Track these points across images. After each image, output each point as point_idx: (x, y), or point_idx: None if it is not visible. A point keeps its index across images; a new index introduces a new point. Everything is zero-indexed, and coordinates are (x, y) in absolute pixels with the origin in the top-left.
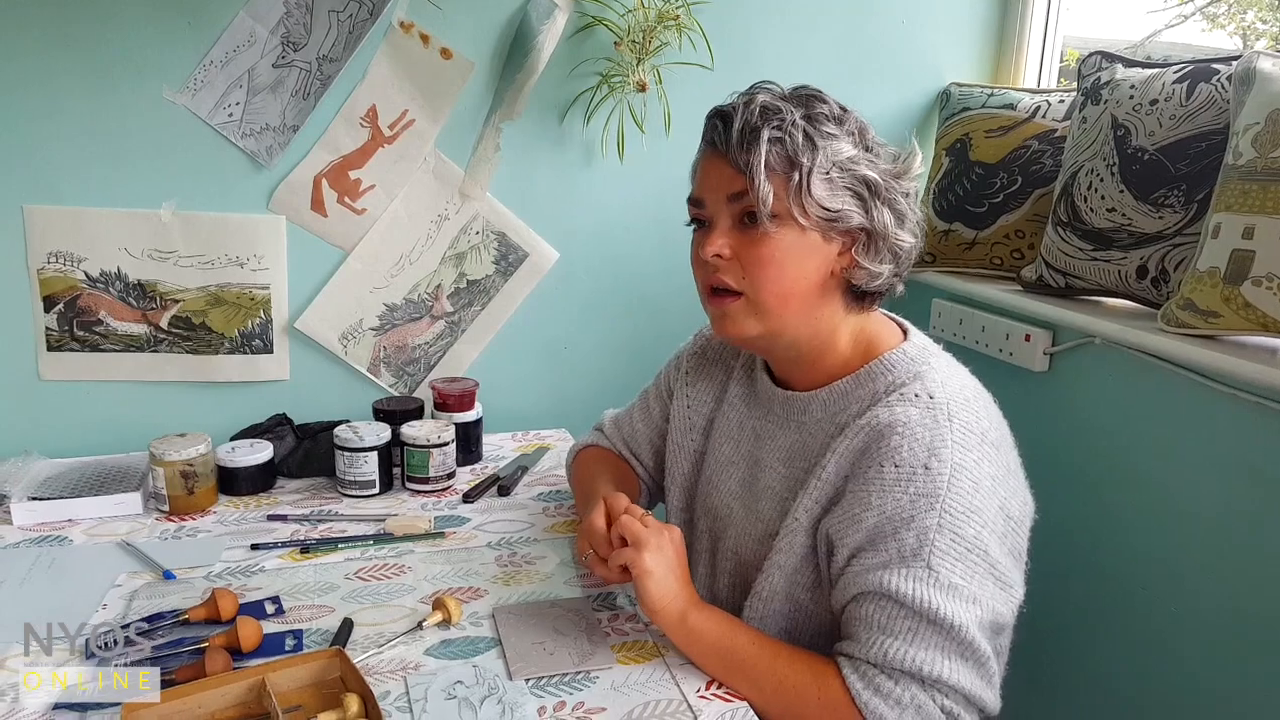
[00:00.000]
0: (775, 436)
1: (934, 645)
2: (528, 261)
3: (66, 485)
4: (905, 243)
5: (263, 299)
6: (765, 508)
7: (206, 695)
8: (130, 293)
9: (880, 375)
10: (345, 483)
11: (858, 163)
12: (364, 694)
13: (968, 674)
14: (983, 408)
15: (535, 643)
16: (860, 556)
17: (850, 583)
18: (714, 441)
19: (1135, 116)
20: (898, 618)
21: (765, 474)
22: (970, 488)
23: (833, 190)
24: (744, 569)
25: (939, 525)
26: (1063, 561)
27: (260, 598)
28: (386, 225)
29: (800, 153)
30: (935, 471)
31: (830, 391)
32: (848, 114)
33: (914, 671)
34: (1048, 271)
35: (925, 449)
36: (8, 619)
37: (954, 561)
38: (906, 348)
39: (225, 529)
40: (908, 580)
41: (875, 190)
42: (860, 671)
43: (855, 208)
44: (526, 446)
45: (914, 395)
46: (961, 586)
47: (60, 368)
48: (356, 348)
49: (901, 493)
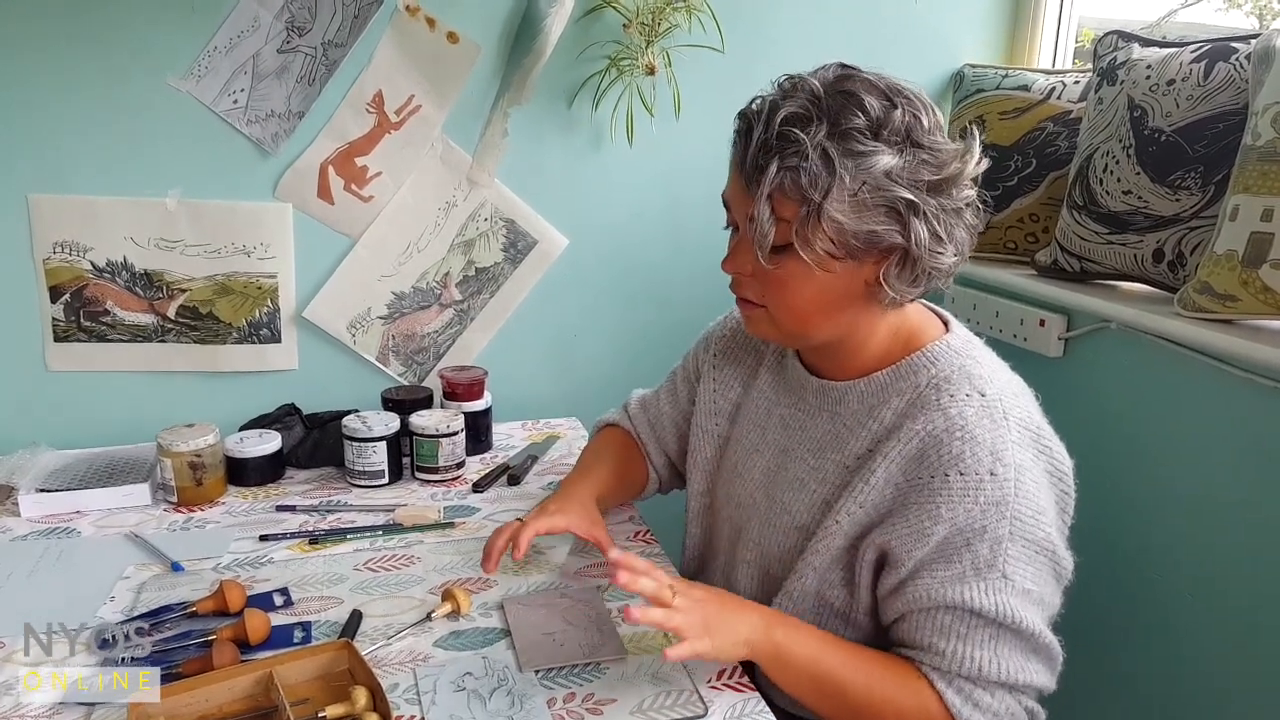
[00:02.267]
0: (806, 426)
1: (1015, 650)
2: (537, 248)
3: (75, 477)
4: (945, 262)
5: (270, 288)
6: (791, 499)
7: (213, 689)
8: (137, 282)
9: (923, 368)
10: (354, 473)
11: (897, 178)
12: (372, 687)
13: (1043, 671)
14: (1029, 401)
15: (545, 633)
16: (930, 569)
17: (920, 595)
18: (740, 428)
19: (1152, 97)
20: (978, 627)
21: (794, 464)
22: (1033, 488)
23: (862, 212)
24: (766, 560)
25: (1011, 534)
26: (1076, 549)
27: (269, 589)
28: (394, 212)
29: (816, 182)
30: (1002, 477)
31: (869, 383)
32: (894, 111)
33: (1004, 680)
34: (1062, 255)
35: (989, 453)
36: (17, 611)
37: (1025, 566)
38: (950, 340)
39: (234, 520)
40: (988, 594)
41: (915, 207)
42: (956, 686)
43: (891, 227)
44: (536, 435)
45: (965, 395)
46: (1034, 591)
47: (67, 358)
48: (365, 336)
49: (972, 503)
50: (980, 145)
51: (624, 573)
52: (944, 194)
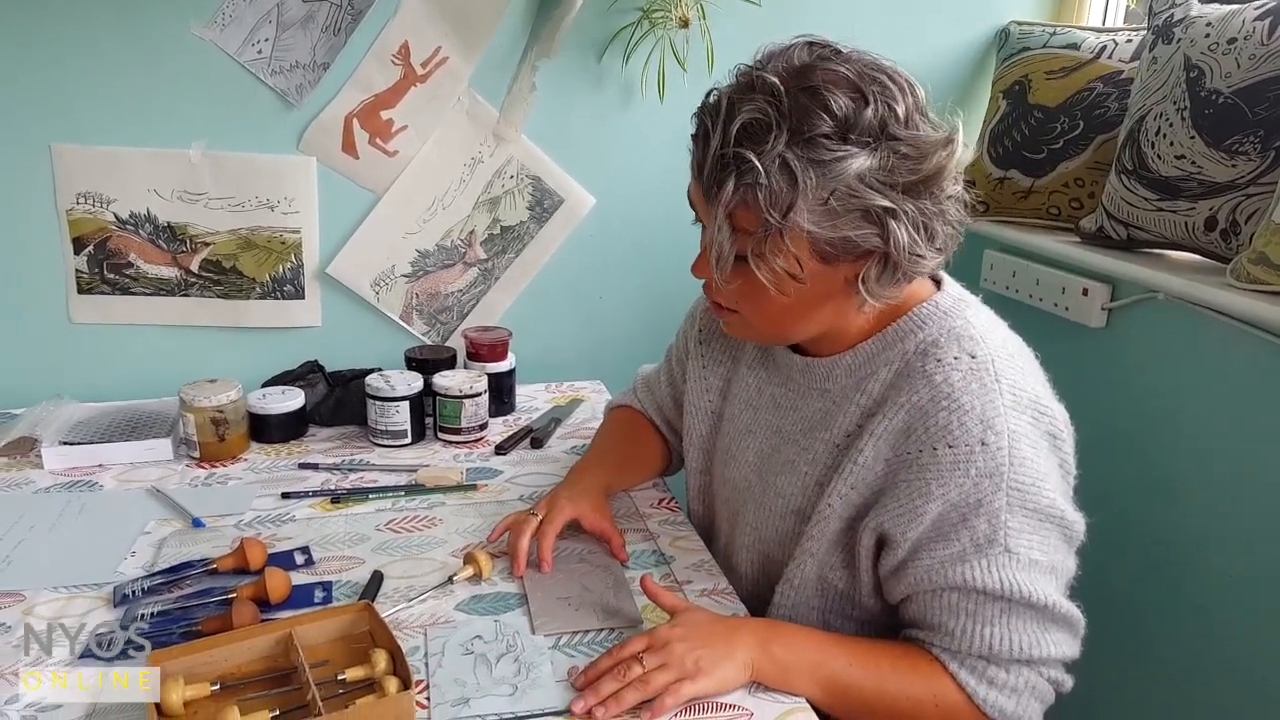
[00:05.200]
0: (797, 405)
1: (1030, 623)
2: (563, 207)
3: (97, 430)
4: (927, 265)
5: (293, 243)
6: (784, 482)
7: (233, 648)
8: (160, 235)
9: (910, 333)
10: (377, 432)
11: (870, 182)
12: (393, 650)
13: (1064, 640)
14: (1026, 361)
15: (560, 598)
16: (929, 548)
17: (922, 577)
18: (732, 405)
19: (1210, 57)
20: (986, 604)
21: (786, 446)
22: (1031, 454)
23: (835, 219)
24: (764, 544)
25: (1009, 504)
26: (1113, 527)
27: (290, 548)
28: (419, 168)
29: (776, 200)
30: (994, 446)
31: (855, 354)
32: (865, 108)
33: (1019, 656)
34: (1109, 222)
35: (978, 422)
36: (39, 564)
37: (1029, 536)
38: (939, 299)
39: (256, 477)
40: (990, 570)
41: (892, 212)
42: (969, 666)
43: (867, 231)
44: (560, 398)
45: (952, 359)
46: (1042, 560)
47: (91, 310)
48: (389, 294)
49: (963, 476)
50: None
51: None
52: (925, 194)
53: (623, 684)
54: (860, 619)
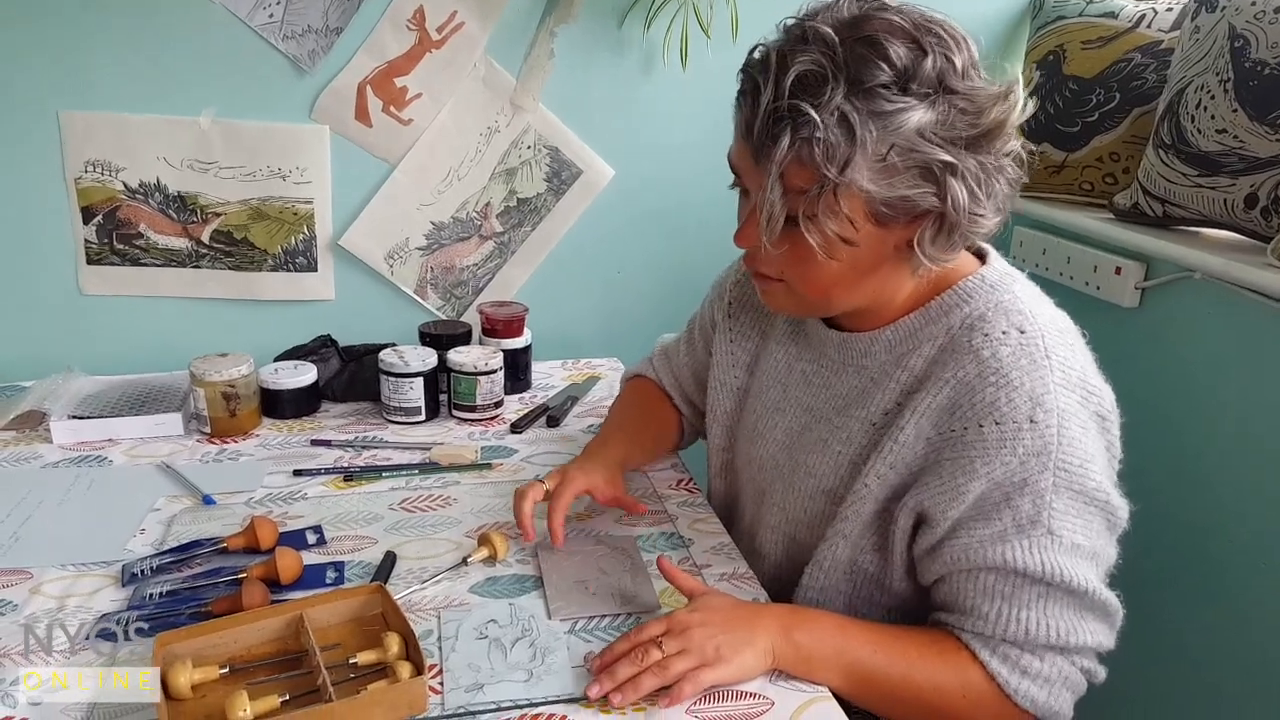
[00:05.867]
0: (831, 383)
1: (1067, 609)
2: (581, 179)
3: (107, 404)
4: (986, 224)
5: (306, 214)
6: (816, 462)
7: (242, 630)
8: (170, 205)
9: (955, 307)
10: (390, 408)
11: (930, 136)
12: (405, 633)
13: (1100, 629)
14: (1075, 339)
15: (577, 581)
16: (968, 527)
17: (959, 556)
18: (759, 382)
19: (1257, 25)
20: (1023, 587)
21: (818, 424)
22: (1080, 434)
23: (891, 177)
24: (792, 526)
25: (1054, 485)
26: (1145, 514)
27: (301, 527)
28: (434, 137)
29: (833, 154)
30: (1043, 424)
31: (896, 330)
32: (924, 58)
33: (1055, 643)
34: (1144, 198)
35: (1027, 399)
36: (47, 541)
37: (1073, 519)
38: (985, 273)
39: (268, 453)
40: (1031, 551)
41: (952, 168)
42: (1000, 654)
43: (925, 190)
44: (576, 375)
45: (1000, 333)
46: (1083, 545)
47: (101, 282)
48: (403, 268)
49: (1010, 454)
50: (1022, 88)
51: (594, 688)
52: (984, 149)
53: (640, 669)
54: (888, 605)
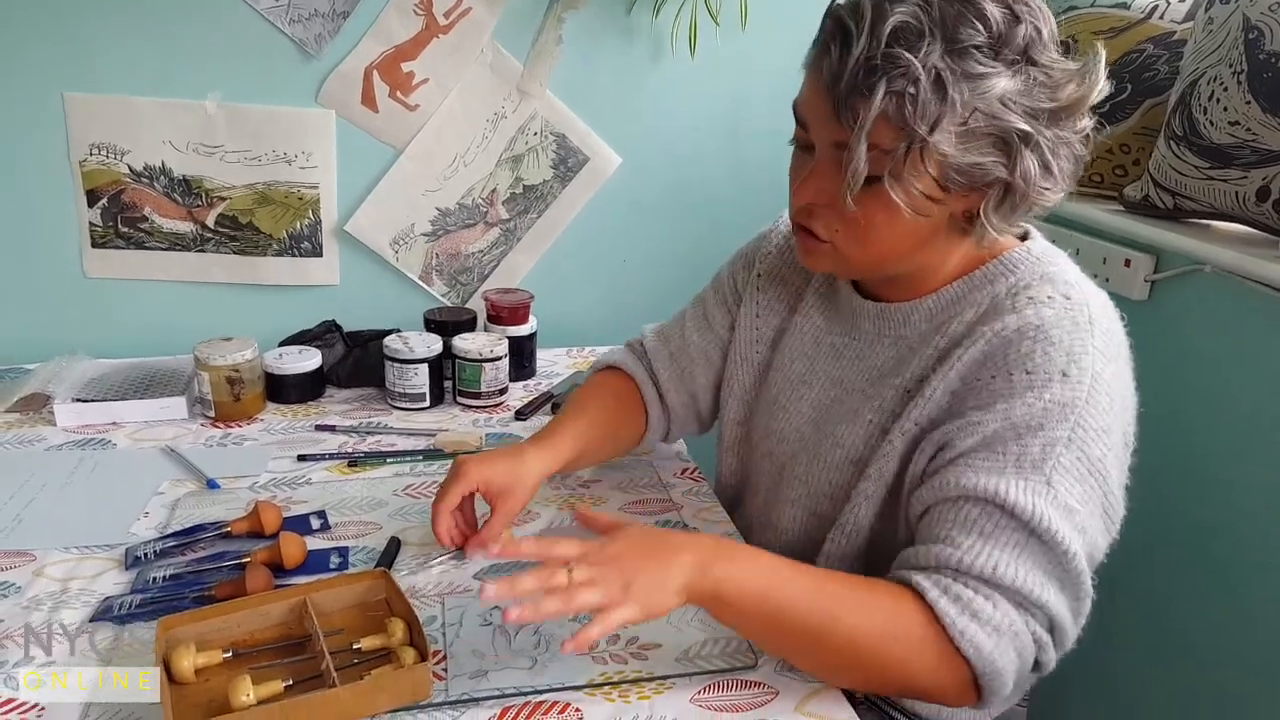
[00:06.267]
0: (864, 355)
1: (1039, 566)
2: (588, 166)
3: (111, 387)
4: (1051, 197)
5: (311, 199)
6: (846, 432)
7: (246, 615)
8: (175, 188)
9: (1000, 276)
10: (395, 394)
11: (1012, 104)
12: (410, 619)
13: (1064, 602)
14: (1116, 317)
15: None
16: (969, 456)
17: (948, 481)
18: (782, 356)
19: (1271, 17)
20: (1006, 529)
21: (849, 396)
22: (1106, 404)
23: (969, 143)
24: (814, 499)
25: (1069, 439)
26: (1150, 509)
27: (305, 511)
28: (440, 123)
29: (925, 112)
30: (1074, 380)
31: (937, 298)
32: (1017, 25)
33: (1015, 590)
34: (1155, 190)
35: (1064, 353)
36: (51, 524)
37: (1074, 482)
38: (1031, 247)
39: (272, 438)
40: (1024, 492)
41: (1028, 138)
42: (952, 594)
43: (996, 159)
44: (581, 363)
45: (1046, 297)
46: (1077, 511)
47: (105, 265)
48: (408, 254)
49: (1035, 398)
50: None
51: (490, 587)
52: (1061, 123)
53: (544, 588)
54: None
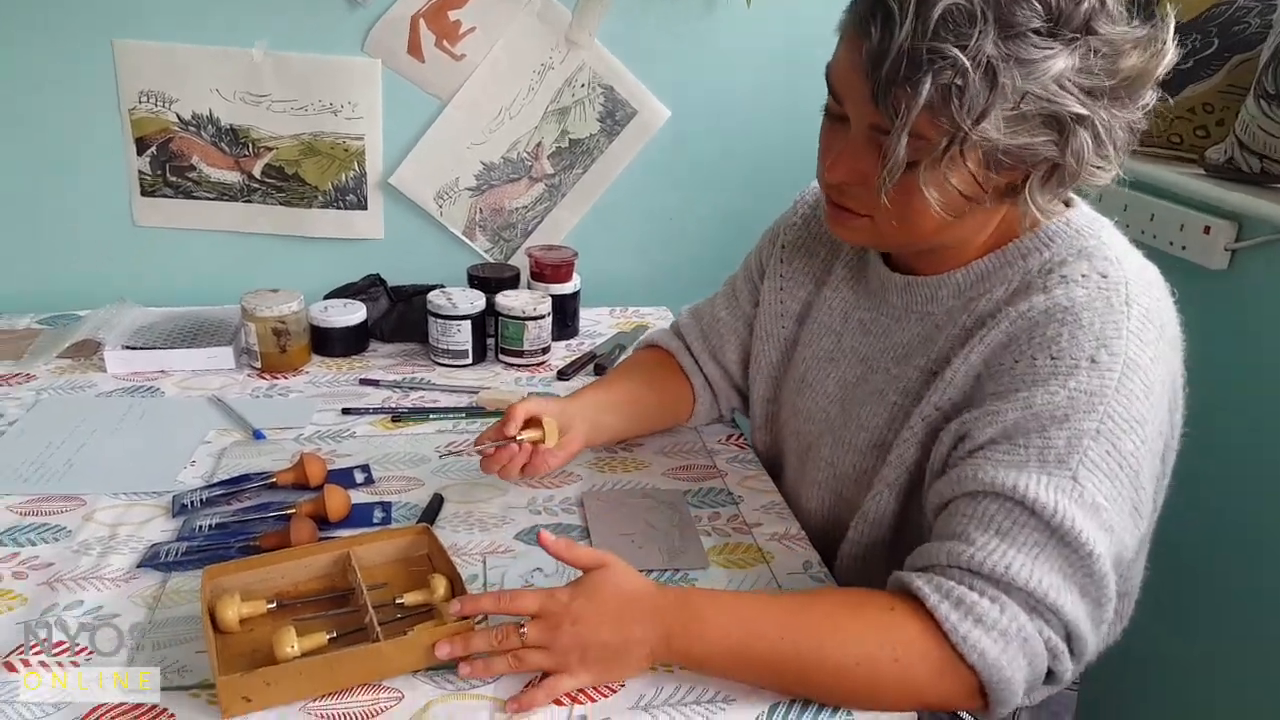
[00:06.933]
0: (890, 331)
1: (1058, 569)
2: (636, 120)
3: (160, 335)
4: (1102, 177)
5: (357, 150)
6: (869, 414)
7: (290, 565)
8: (223, 138)
9: (1034, 250)
10: (438, 350)
11: (1067, 85)
12: (452, 576)
13: (1084, 611)
14: (1162, 294)
15: (623, 534)
16: (989, 449)
17: (969, 474)
18: (810, 332)
19: None
20: (1025, 527)
21: (874, 375)
22: (1141, 392)
23: (1017, 125)
24: (839, 482)
25: (1097, 431)
26: (1219, 487)
27: (349, 465)
28: (486, 74)
29: (973, 105)
30: (1104, 366)
31: (967, 273)
32: (1080, 3)
33: (1028, 592)
34: (1240, 153)
35: (1094, 338)
36: (100, 470)
37: (1103, 478)
38: (1072, 217)
39: (316, 390)
40: (1047, 489)
41: (1083, 120)
42: (954, 599)
43: (1047, 138)
44: (624, 323)
45: (1080, 276)
46: (1104, 509)
47: (154, 213)
48: (452, 208)
49: (1059, 386)
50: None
51: (444, 647)
52: (1120, 101)
53: (496, 650)
54: None
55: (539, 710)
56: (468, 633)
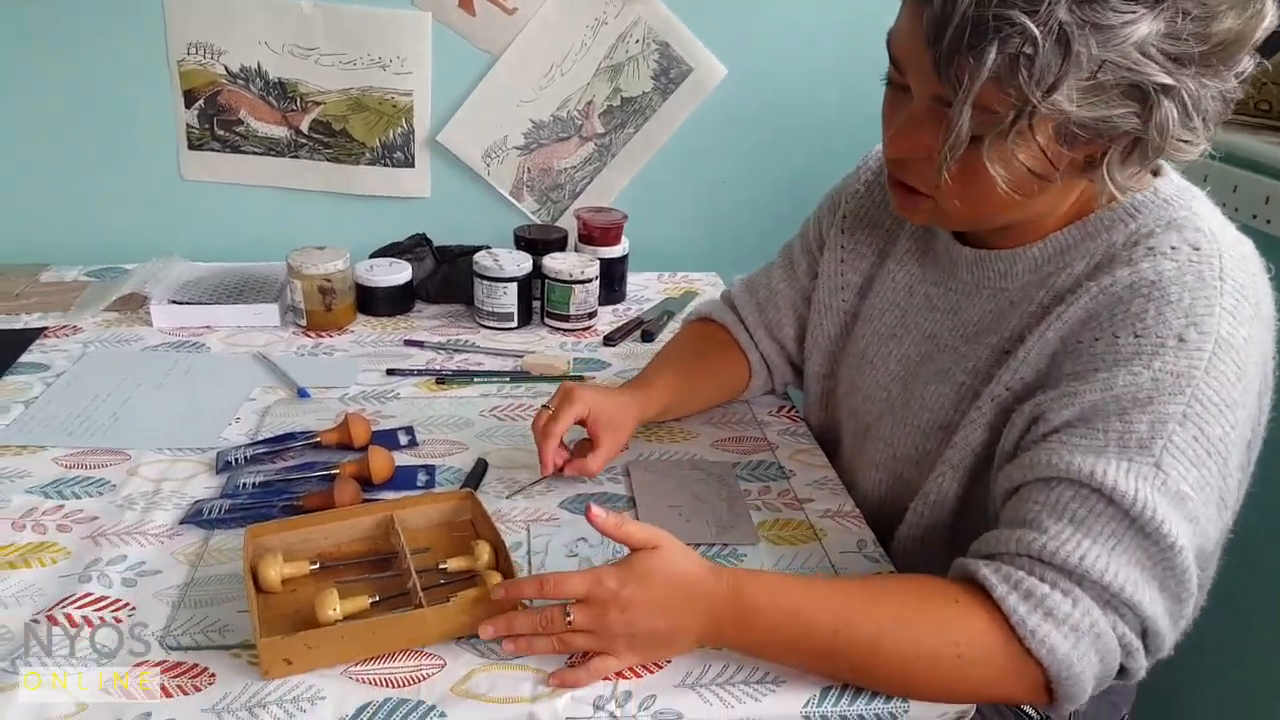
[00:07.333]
0: (960, 307)
1: (1136, 562)
2: (691, 78)
3: (206, 290)
4: (1189, 151)
5: (405, 106)
6: (934, 394)
7: (333, 527)
8: (270, 91)
9: (1119, 223)
10: (483, 313)
11: (1150, 52)
12: (495, 543)
13: (1162, 607)
14: (1258, 270)
15: (671, 506)
16: (1065, 433)
17: (1043, 459)
18: (871, 307)
19: None
20: (1102, 516)
21: (940, 354)
22: (1233, 374)
23: (1095, 97)
24: (899, 464)
25: (1184, 416)
26: None
27: (393, 426)
28: (538, 28)
29: (1044, 76)
30: (1193, 345)
31: (1045, 246)
32: None
33: (1102, 586)
34: None
35: (1182, 315)
36: (144, 424)
37: (1189, 466)
38: (1160, 185)
39: (361, 350)
40: (1128, 476)
41: (1168, 90)
42: (1023, 590)
43: (1129, 110)
44: (673, 289)
45: (1169, 248)
46: (1189, 498)
47: (201, 167)
48: (500, 167)
49: (1141, 367)
50: None
51: (488, 627)
52: (1211, 69)
53: (539, 632)
54: None
55: (583, 688)
56: (512, 613)
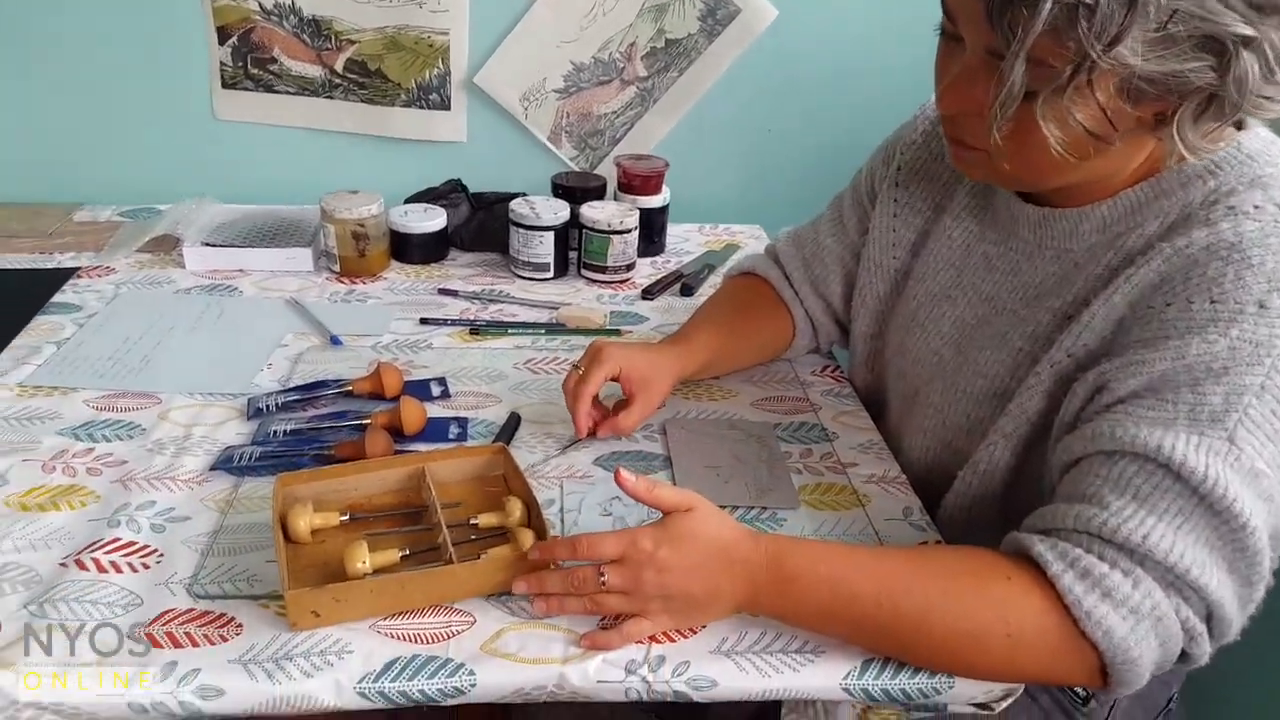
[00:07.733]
0: (1020, 268)
1: (1204, 541)
2: (739, 19)
3: (239, 233)
4: (1270, 109)
5: (441, 46)
6: (989, 360)
7: (364, 478)
8: (305, 29)
9: (1196, 180)
10: (519, 262)
11: (1230, 1)
12: (527, 499)
13: (1231, 590)
14: None
15: (708, 466)
16: (1131, 403)
17: (1106, 431)
18: (926, 264)
19: None
20: (1168, 493)
21: (998, 317)
22: None
23: (1164, 50)
24: (948, 431)
25: (1262, 388)
26: None
27: (426, 377)
28: None
29: (1106, 27)
30: (1275, 313)
31: (1115, 204)
32: None
33: (1166, 566)
34: None
35: (1265, 279)
36: (177, 369)
37: (1265, 440)
38: (1244, 140)
39: (394, 298)
40: (1199, 450)
41: (1248, 41)
42: (1080, 569)
43: (1202, 64)
44: (714, 242)
45: (1252, 207)
46: (1265, 476)
47: (234, 107)
48: (537, 111)
49: (1217, 335)
50: None
51: (520, 583)
52: None
53: (571, 592)
54: None
55: (615, 650)
56: (544, 571)
